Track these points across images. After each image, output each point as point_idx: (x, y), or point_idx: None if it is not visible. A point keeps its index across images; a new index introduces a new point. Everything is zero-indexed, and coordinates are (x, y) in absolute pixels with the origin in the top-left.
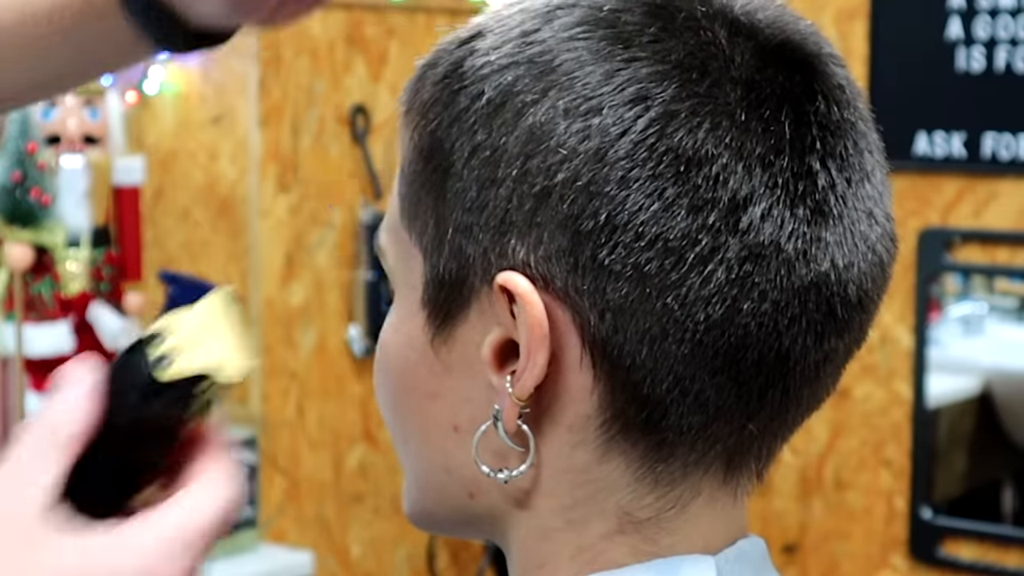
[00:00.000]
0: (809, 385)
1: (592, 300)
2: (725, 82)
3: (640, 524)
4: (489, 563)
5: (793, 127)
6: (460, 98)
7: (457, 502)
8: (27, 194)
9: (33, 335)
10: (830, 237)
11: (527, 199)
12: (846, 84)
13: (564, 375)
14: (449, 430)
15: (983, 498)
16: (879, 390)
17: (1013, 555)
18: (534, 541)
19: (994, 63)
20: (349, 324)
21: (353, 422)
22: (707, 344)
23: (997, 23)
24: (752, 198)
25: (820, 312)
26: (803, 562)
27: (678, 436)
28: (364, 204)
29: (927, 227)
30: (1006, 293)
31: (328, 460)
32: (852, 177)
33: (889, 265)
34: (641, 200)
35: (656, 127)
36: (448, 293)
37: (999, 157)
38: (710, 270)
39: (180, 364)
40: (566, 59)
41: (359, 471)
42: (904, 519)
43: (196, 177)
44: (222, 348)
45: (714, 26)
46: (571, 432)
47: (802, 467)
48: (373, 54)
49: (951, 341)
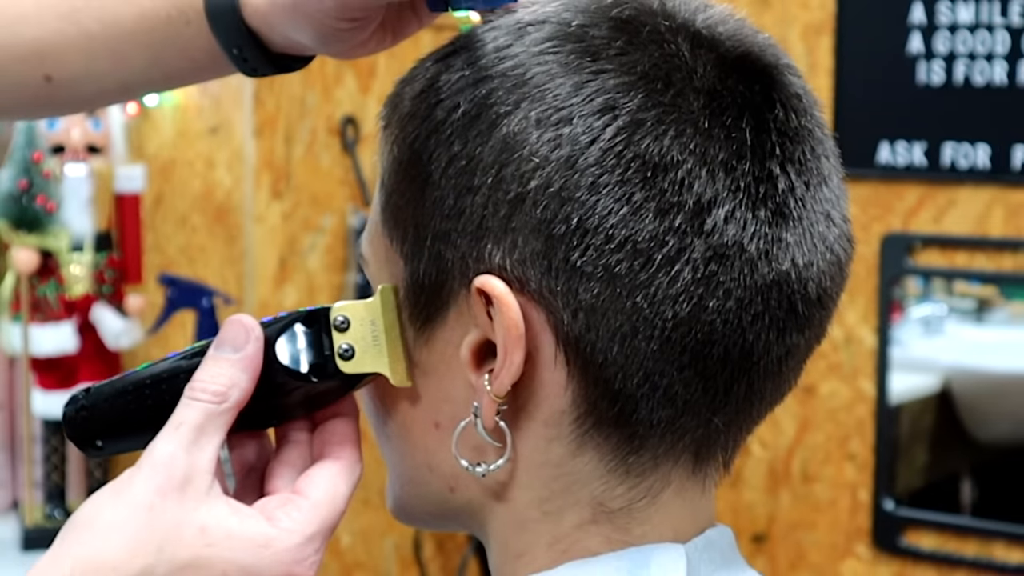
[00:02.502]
0: (772, 379)
1: (565, 300)
2: (688, 92)
3: (613, 514)
4: (473, 553)
5: (754, 134)
6: (437, 111)
7: (438, 496)
8: (33, 201)
9: (39, 335)
10: (790, 238)
11: (502, 205)
12: (803, 93)
13: (539, 373)
14: (430, 427)
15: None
16: (844, 387)
17: (971, 544)
18: (512, 532)
19: (953, 76)
20: None
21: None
22: (675, 341)
23: (956, 38)
24: (716, 201)
25: (782, 309)
26: (771, 551)
27: (648, 429)
28: (354, 211)
29: (889, 232)
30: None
31: None
32: (810, 181)
33: (847, 264)
34: (610, 204)
35: (624, 135)
36: (428, 297)
37: (958, 166)
38: (677, 270)
39: (361, 361)
40: (537, 72)
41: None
42: (868, 510)
43: (194, 185)
44: (391, 351)
45: (677, 39)
46: (546, 427)
47: (771, 460)
48: (362, 68)
49: (912, 341)
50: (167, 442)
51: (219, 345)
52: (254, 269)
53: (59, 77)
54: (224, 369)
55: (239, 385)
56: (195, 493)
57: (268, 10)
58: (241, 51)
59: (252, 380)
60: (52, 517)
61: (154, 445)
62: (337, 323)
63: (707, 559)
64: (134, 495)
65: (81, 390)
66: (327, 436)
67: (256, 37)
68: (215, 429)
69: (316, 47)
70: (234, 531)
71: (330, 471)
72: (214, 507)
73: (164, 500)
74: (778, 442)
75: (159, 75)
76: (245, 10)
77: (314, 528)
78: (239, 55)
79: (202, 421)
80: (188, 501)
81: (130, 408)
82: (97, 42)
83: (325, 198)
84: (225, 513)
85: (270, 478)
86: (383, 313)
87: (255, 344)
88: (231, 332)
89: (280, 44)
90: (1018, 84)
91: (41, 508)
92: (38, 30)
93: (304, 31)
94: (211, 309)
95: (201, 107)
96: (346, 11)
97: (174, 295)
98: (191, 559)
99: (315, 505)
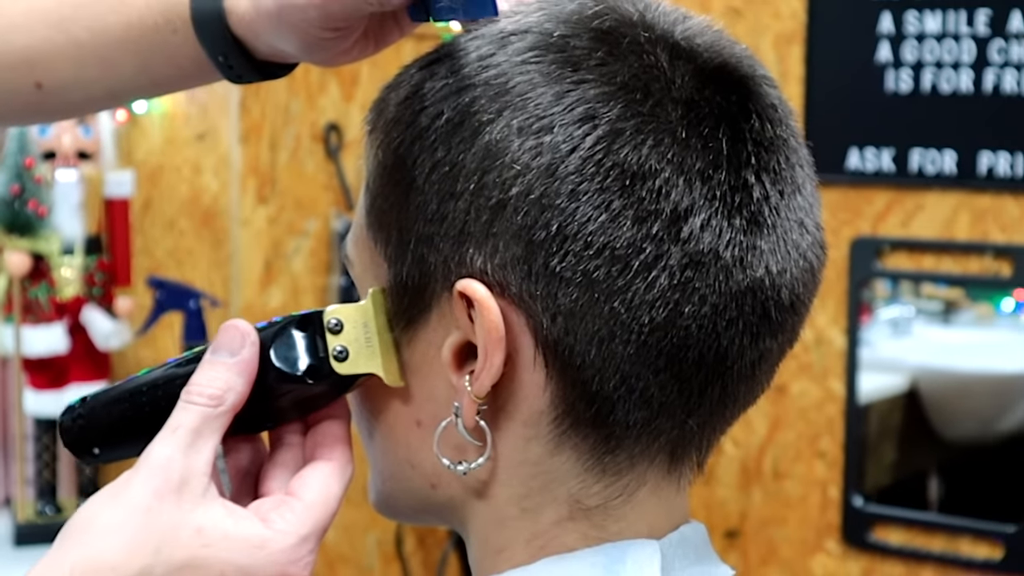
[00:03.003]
0: (746, 382)
1: (544, 305)
2: (667, 102)
3: (590, 511)
4: (453, 547)
5: (730, 143)
6: (421, 118)
7: (420, 493)
8: (25, 205)
9: (30, 336)
10: (764, 245)
11: (484, 211)
12: (778, 103)
13: (519, 374)
14: (412, 426)
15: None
16: (814, 387)
17: (938, 540)
18: (492, 528)
19: (920, 84)
20: None
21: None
22: (651, 345)
23: (923, 47)
24: (692, 209)
25: (756, 314)
26: (744, 546)
27: (624, 430)
28: (337, 215)
29: (859, 236)
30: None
31: None
32: (784, 189)
33: (819, 271)
34: (590, 212)
35: (603, 144)
36: (411, 299)
37: (925, 171)
38: (654, 276)
39: (355, 362)
40: (519, 81)
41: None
42: (837, 507)
43: (181, 190)
44: (383, 352)
45: (656, 50)
46: (525, 427)
47: (743, 458)
48: (346, 76)
49: (881, 342)
50: (164, 445)
51: (215, 350)
52: (240, 272)
53: (49, 84)
54: (220, 373)
55: (235, 389)
56: (191, 495)
57: (253, 19)
58: (227, 59)
59: (248, 384)
60: (43, 513)
61: (151, 448)
62: (331, 326)
63: (681, 554)
64: (132, 497)
65: (76, 400)
66: (319, 438)
67: (241, 45)
68: (211, 432)
69: (300, 55)
70: (230, 532)
71: (322, 472)
72: (210, 509)
73: (161, 502)
74: (750, 440)
75: (147, 82)
76: (231, 19)
77: (308, 529)
78: (224, 63)
79: (198, 424)
80: (185, 503)
81: (126, 415)
82: (86, 50)
83: (309, 203)
84: (221, 515)
85: (264, 480)
86: (375, 315)
87: (251, 348)
88: (227, 337)
89: (265, 52)
90: (984, 92)
91: (33, 504)
92: (29, 38)
93: (288, 40)
94: (198, 311)
95: (188, 114)
96: (329, 21)
97: (162, 297)
98: (188, 559)
99: (308, 506)
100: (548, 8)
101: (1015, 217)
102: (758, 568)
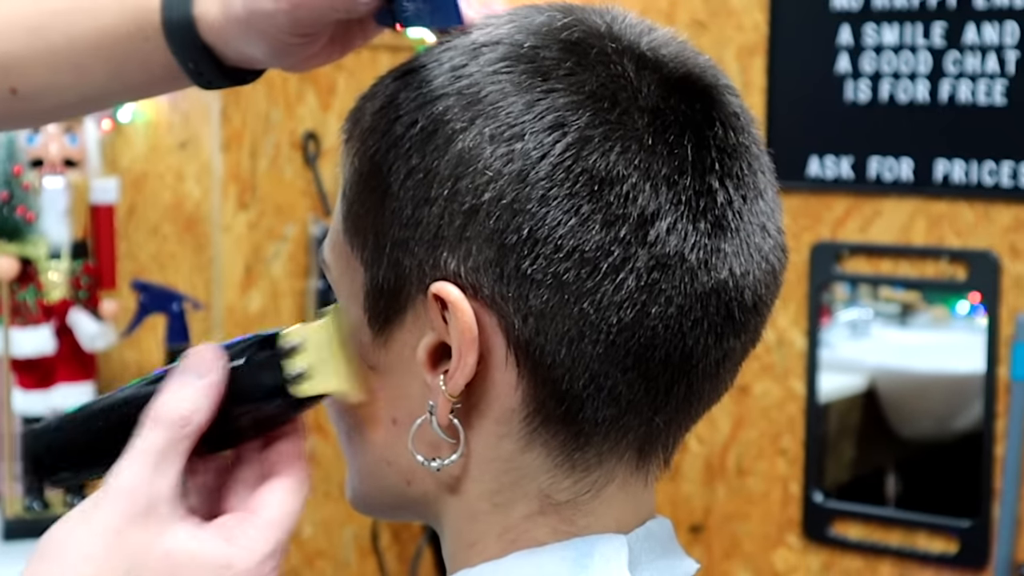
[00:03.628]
0: (710, 380)
1: (516, 306)
2: (634, 110)
3: (559, 506)
4: (427, 542)
5: (695, 150)
6: (396, 127)
7: (395, 489)
8: (13, 211)
9: (18, 338)
10: (728, 248)
11: (457, 216)
12: (741, 112)
13: (491, 374)
14: (388, 424)
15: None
16: (776, 387)
17: (895, 534)
18: (464, 522)
19: (878, 94)
20: None
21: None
22: (619, 344)
23: (881, 59)
24: (659, 214)
25: (720, 315)
26: (708, 540)
27: (593, 427)
28: (315, 220)
29: (819, 241)
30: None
31: None
32: (747, 194)
33: (781, 273)
34: (559, 216)
35: (572, 151)
36: (387, 301)
37: (883, 179)
38: (622, 278)
39: (315, 383)
40: (491, 91)
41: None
42: (798, 502)
43: (164, 196)
44: (343, 369)
45: (623, 60)
46: (497, 424)
47: (707, 455)
48: (323, 86)
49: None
50: (130, 467)
51: (184, 371)
52: (221, 275)
53: (24, 90)
54: (188, 394)
55: (201, 409)
56: (158, 519)
57: (223, 26)
58: (196, 65)
59: (214, 406)
60: (31, 509)
61: (118, 470)
62: (290, 347)
63: (647, 548)
64: (101, 520)
65: (39, 424)
66: (276, 455)
67: (211, 52)
68: (176, 455)
69: (268, 61)
70: (196, 554)
71: (281, 489)
72: (177, 532)
73: (130, 525)
74: (714, 438)
75: (119, 87)
76: (200, 27)
77: (271, 547)
78: (195, 69)
79: (164, 446)
80: (152, 526)
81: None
82: (61, 56)
83: (288, 209)
84: (186, 537)
85: (226, 496)
86: (334, 333)
87: (219, 373)
88: (196, 360)
89: (234, 58)
90: (939, 102)
91: (21, 501)
92: (7, 44)
93: (257, 45)
94: (181, 313)
95: (171, 123)
96: (298, 27)
97: (146, 300)
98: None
99: (269, 524)
100: (518, 20)
101: (970, 222)
102: (722, 562)
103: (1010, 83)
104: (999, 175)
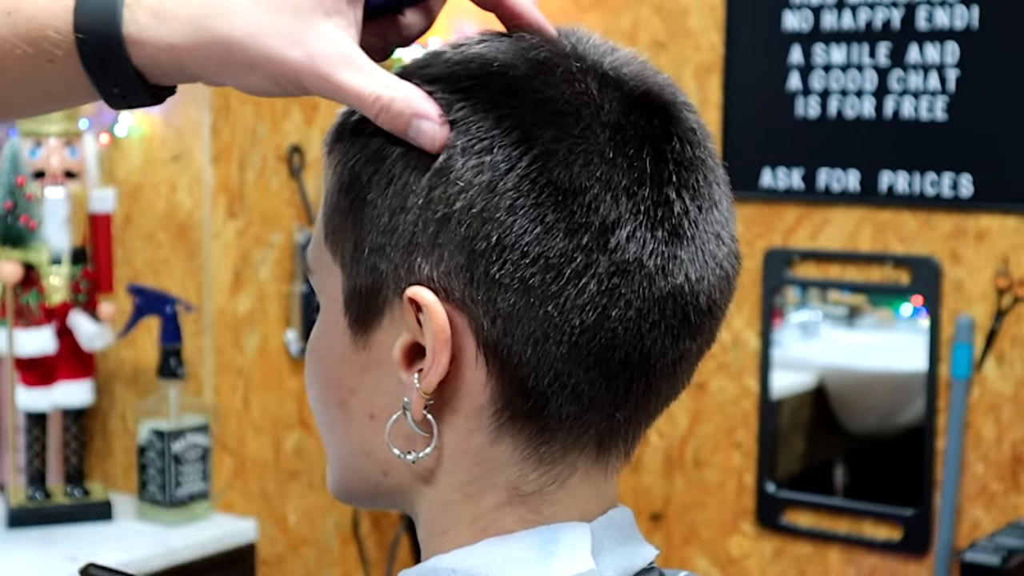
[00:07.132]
0: (668, 379)
1: (485, 309)
2: (596, 126)
3: (526, 497)
4: (404, 530)
5: (653, 163)
6: (374, 140)
7: (373, 479)
8: (17, 220)
9: (22, 338)
10: (684, 255)
11: (431, 224)
12: (697, 127)
13: (463, 372)
14: (366, 419)
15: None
16: (731, 384)
17: (843, 522)
18: (437, 512)
19: (827, 110)
20: (287, 329)
21: (290, 411)
22: (582, 345)
23: (830, 77)
24: (619, 222)
25: (676, 318)
26: (667, 528)
27: (558, 423)
28: (299, 228)
29: (771, 247)
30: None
31: (269, 443)
32: (703, 205)
33: (734, 278)
34: (526, 224)
35: (538, 163)
36: (365, 304)
37: (831, 189)
38: (584, 283)
39: None
40: (463, 107)
41: (295, 452)
42: (752, 492)
43: (159, 206)
44: None
45: (587, 79)
46: (468, 420)
47: (667, 448)
48: (307, 102)
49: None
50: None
51: None
52: (212, 280)
53: None
54: None
55: None
56: None
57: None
58: (122, 90)
59: None
60: (34, 498)
61: None
62: None
63: (609, 536)
64: None
65: None
66: None
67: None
68: None
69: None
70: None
71: None
72: None
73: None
74: (673, 432)
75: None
76: (132, 49)
77: None
78: (119, 94)
79: None
80: None
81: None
82: None
83: (274, 217)
84: None
85: None
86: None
87: None
88: None
89: (171, 79)
90: (884, 117)
91: (24, 491)
92: None
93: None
94: (174, 315)
95: (165, 137)
96: None
97: (141, 303)
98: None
99: None
100: (489, 40)
101: (913, 230)
102: (680, 548)
103: (950, 99)
104: (940, 186)
